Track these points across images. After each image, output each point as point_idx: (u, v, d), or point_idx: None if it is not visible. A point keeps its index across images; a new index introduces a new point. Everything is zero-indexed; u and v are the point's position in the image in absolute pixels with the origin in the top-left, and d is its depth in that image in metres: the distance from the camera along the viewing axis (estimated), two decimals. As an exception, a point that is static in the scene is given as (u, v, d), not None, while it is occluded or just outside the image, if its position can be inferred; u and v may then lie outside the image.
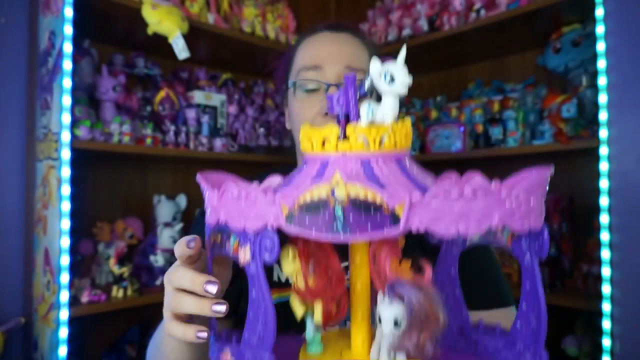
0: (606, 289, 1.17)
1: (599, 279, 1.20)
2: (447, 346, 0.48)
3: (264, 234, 0.37)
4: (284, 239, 0.42)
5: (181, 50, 1.42)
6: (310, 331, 0.45)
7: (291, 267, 0.43)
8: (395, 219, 0.33)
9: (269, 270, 0.73)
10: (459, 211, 0.33)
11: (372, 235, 0.34)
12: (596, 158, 1.19)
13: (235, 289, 0.73)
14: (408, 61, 0.41)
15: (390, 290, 0.38)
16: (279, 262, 0.72)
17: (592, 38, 1.35)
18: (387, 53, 0.82)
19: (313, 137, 0.41)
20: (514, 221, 0.35)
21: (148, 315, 1.72)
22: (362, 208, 0.34)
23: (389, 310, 0.37)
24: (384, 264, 0.40)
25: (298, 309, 0.44)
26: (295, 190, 0.36)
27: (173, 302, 0.47)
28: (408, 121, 0.41)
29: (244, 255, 0.39)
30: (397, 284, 0.37)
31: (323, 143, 0.40)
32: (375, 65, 0.39)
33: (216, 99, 1.73)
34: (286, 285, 0.73)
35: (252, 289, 0.40)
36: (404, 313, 0.36)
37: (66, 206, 1.23)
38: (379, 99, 0.40)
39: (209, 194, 0.42)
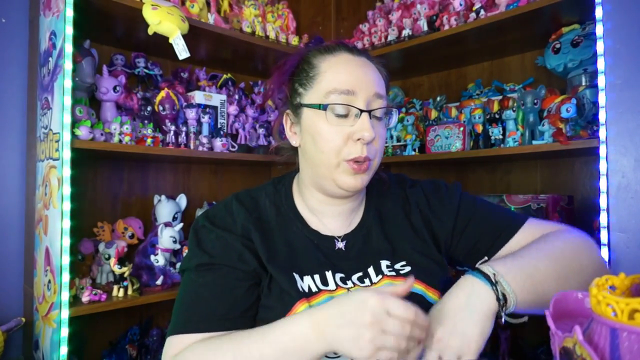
0: (605, 288, 1.17)
1: (598, 278, 1.21)
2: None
3: None
4: None
5: (181, 51, 1.42)
6: None
7: None
8: None
9: (292, 281, 0.75)
10: None
11: None
12: (595, 158, 1.19)
13: (255, 297, 0.76)
14: (408, 61, 0.41)
15: None
16: (297, 272, 0.75)
17: (591, 38, 1.35)
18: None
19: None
20: None
21: (148, 314, 1.72)
22: None
23: None
24: None
25: None
26: None
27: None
28: None
29: None
30: None
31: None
32: None
33: (216, 99, 1.73)
34: (310, 294, 0.74)
35: None
36: None
37: (67, 206, 1.23)
38: None
39: None
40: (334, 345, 0.59)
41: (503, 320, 0.64)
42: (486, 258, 0.81)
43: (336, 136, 0.75)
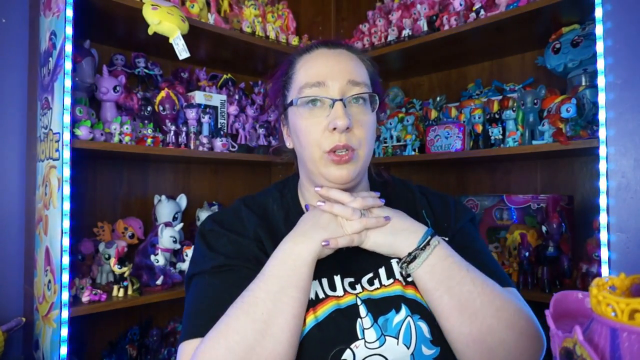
0: (605, 288, 1.17)
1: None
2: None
3: None
4: None
5: (181, 51, 1.42)
6: None
7: None
8: None
9: None
10: None
11: None
12: (595, 158, 1.19)
13: None
14: (408, 61, 0.41)
15: None
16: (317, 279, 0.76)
17: (591, 38, 1.35)
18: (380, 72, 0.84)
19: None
20: None
21: (148, 314, 1.72)
22: None
23: None
24: None
25: None
26: None
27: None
28: None
29: None
30: None
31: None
32: None
33: (216, 99, 1.73)
34: (316, 302, 0.72)
35: None
36: None
37: (67, 206, 1.23)
38: None
39: None
40: (314, 242, 0.70)
41: (401, 270, 0.75)
42: None
43: (313, 128, 0.75)
